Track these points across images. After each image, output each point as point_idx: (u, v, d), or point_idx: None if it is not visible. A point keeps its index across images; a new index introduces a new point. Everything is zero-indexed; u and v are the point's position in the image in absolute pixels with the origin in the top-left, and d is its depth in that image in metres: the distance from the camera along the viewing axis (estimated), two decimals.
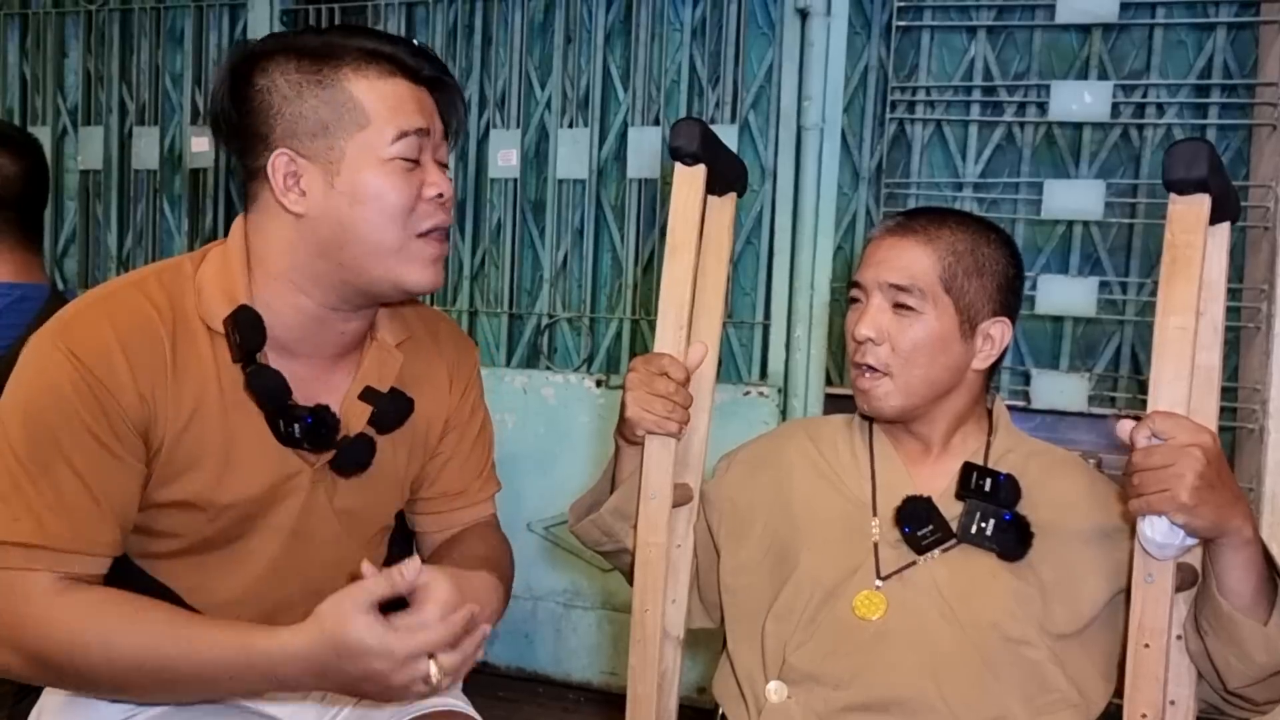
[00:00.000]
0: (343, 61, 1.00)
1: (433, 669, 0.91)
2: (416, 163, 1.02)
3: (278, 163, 0.99)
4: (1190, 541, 0.97)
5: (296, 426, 1.03)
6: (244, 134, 1.01)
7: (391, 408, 1.11)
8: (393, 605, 0.93)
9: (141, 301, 1.00)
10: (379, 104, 0.99)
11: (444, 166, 1.06)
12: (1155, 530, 0.96)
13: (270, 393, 1.02)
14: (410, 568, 0.92)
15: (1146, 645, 0.99)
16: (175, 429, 0.99)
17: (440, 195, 1.04)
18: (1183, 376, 0.97)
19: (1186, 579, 1.02)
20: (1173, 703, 1.01)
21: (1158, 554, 0.97)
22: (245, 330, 1.00)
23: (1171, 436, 0.95)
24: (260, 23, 2.63)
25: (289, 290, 1.03)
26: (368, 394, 1.10)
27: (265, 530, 1.07)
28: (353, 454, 1.08)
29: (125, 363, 0.96)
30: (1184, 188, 0.98)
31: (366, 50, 1.01)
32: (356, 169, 0.99)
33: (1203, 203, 0.98)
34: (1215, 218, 1.00)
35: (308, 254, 1.02)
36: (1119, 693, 1.04)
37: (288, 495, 1.06)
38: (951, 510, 1.16)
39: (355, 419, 1.09)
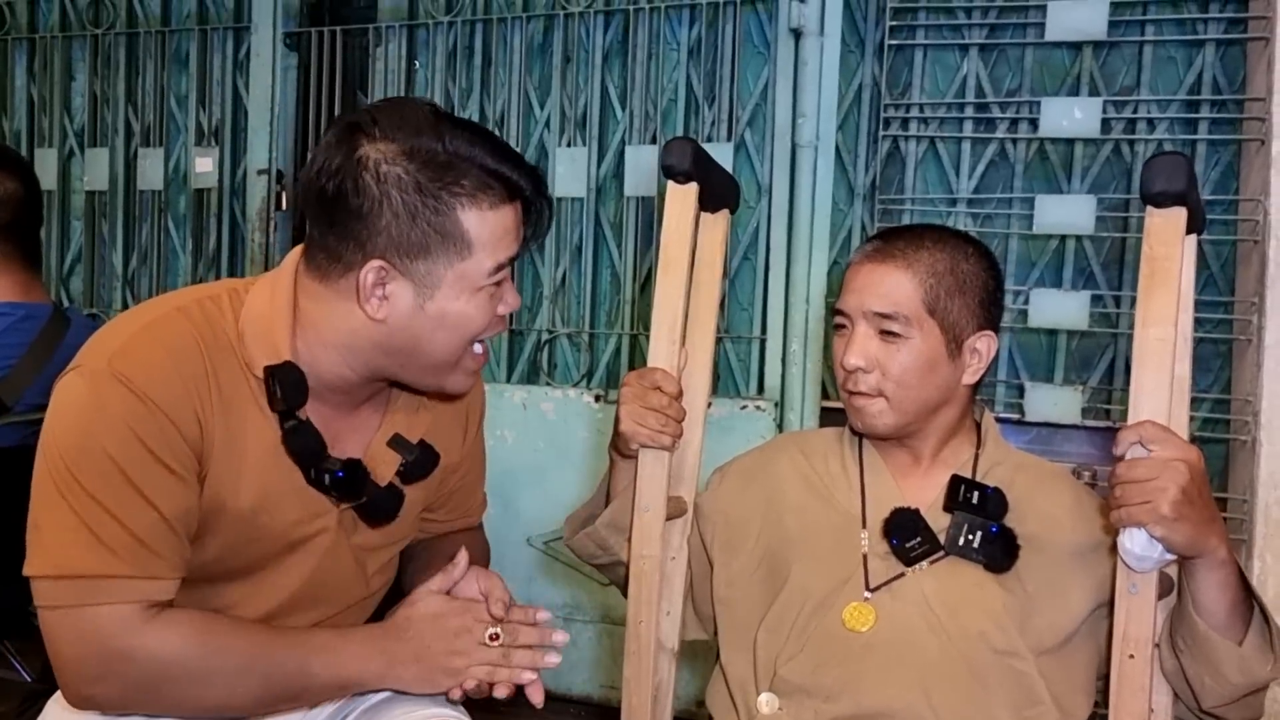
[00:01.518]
0: (461, 187, 0.96)
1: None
2: (500, 283, 1.02)
3: (370, 274, 0.97)
4: (1168, 556, 0.98)
5: (327, 476, 1.04)
6: (338, 224, 0.97)
7: (420, 461, 1.12)
8: None
9: (189, 327, 0.99)
10: (486, 236, 0.98)
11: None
12: (1134, 542, 0.97)
13: (307, 452, 1.02)
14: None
15: (1131, 656, 1.00)
16: (219, 458, 0.99)
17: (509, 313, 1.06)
18: (1163, 386, 0.98)
19: (1164, 587, 1.03)
20: (1152, 711, 1.02)
21: (1136, 566, 0.98)
22: (287, 390, 1.00)
23: (1159, 449, 0.96)
24: (263, 45, 2.67)
25: (335, 360, 1.03)
26: (397, 442, 1.10)
27: (289, 565, 1.08)
28: (382, 506, 1.09)
29: (181, 385, 0.96)
30: (1162, 201, 0.99)
31: (487, 170, 0.98)
32: (451, 297, 0.99)
33: (1180, 216, 0.99)
34: (1186, 230, 1.01)
35: (370, 347, 1.01)
36: (1102, 703, 1.05)
37: (314, 534, 1.07)
38: (940, 522, 1.17)
39: (383, 466, 1.10)
